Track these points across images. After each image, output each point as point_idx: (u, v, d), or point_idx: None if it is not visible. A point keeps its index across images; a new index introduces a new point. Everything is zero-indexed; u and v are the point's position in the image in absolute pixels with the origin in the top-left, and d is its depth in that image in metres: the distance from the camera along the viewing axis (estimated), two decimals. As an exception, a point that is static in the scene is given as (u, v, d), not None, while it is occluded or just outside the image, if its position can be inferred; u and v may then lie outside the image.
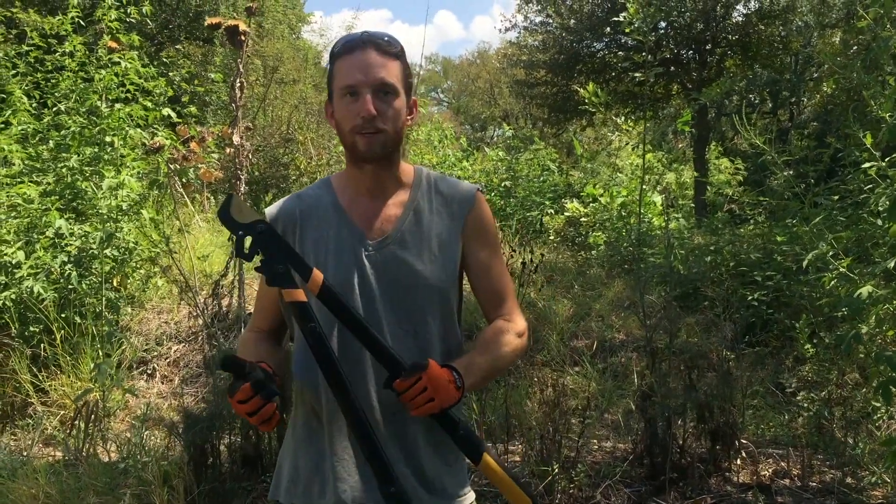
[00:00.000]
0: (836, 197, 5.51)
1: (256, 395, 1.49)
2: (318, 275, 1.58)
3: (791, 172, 4.61)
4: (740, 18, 13.31)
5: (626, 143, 13.97)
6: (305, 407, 1.77)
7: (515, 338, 1.79)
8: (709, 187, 13.20)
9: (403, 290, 1.73)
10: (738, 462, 3.91)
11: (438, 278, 1.75)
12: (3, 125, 6.33)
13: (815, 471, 3.86)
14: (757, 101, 19.18)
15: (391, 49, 1.71)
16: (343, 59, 1.71)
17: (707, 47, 13.29)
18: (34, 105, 6.50)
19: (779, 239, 6.11)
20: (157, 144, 5.69)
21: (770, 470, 3.94)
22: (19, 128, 6.25)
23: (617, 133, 14.67)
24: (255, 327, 1.89)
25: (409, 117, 1.78)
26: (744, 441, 3.97)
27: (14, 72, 6.49)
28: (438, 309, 1.76)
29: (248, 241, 1.60)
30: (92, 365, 4.83)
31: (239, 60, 5.66)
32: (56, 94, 6.49)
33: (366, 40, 1.70)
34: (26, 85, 6.52)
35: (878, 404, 3.72)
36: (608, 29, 13.17)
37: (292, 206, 1.81)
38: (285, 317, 1.83)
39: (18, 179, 5.88)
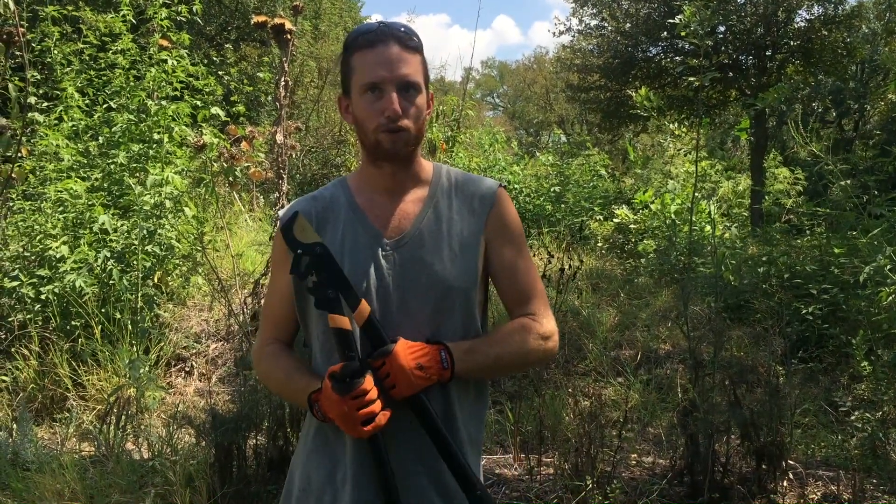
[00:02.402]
0: (901, 208, 5.27)
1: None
2: (365, 306, 1.58)
3: (851, 182, 4.41)
4: (803, 24, 12.90)
5: (680, 150, 13.67)
6: None
7: (537, 339, 1.71)
8: (766, 197, 12.84)
9: (422, 291, 1.66)
10: (785, 484, 3.71)
11: (459, 278, 1.68)
12: (55, 121, 6.43)
13: (867, 495, 3.64)
14: (820, 110, 18.65)
15: (411, 42, 1.65)
16: (363, 52, 1.64)
17: (767, 53, 12.92)
18: (87, 102, 6.59)
19: (836, 251, 5.86)
20: (201, 142, 5.70)
21: (819, 493, 3.73)
22: (70, 124, 6.34)
23: (670, 139, 14.38)
24: (273, 339, 1.82)
25: (427, 112, 1.71)
26: (791, 462, 3.77)
27: (69, 69, 6.59)
28: (459, 311, 1.68)
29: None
30: (127, 360, 4.84)
31: (284, 59, 5.65)
32: (107, 91, 6.59)
33: (386, 33, 1.64)
34: (80, 82, 6.62)
35: (938, 428, 3.50)
36: (664, 33, 12.89)
37: (307, 207, 1.75)
38: (303, 328, 1.78)
39: (66, 175, 5.96)
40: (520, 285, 1.76)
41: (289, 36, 5.57)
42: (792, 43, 12.72)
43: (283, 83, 5.63)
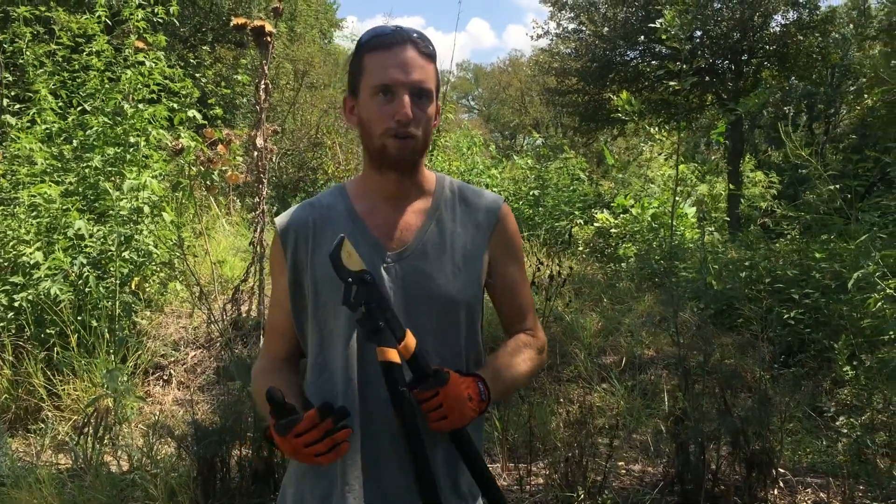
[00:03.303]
0: (878, 213, 5.29)
1: (326, 420, 1.39)
2: (411, 338, 1.51)
3: (837, 186, 4.41)
4: (778, 29, 13.04)
5: (659, 154, 13.74)
6: None
7: (537, 354, 1.74)
8: (742, 200, 12.94)
9: (424, 305, 1.60)
10: (775, 492, 3.69)
11: (462, 292, 1.63)
12: (28, 124, 6.28)
13: (857, 503, 3.63)
14: (792, 114, 18.86)
15: (427, 49, 1.59)
16: (378, 53, 1.57)
17: (743, 57, 13.04)
18: (60, 104, 6.45)
19: (817, 255, 5.88)
20: (179, 146, 5.59)
21: (809, 500, 3.71)
22: (43, 127, 6.19)
23: (649, 143, 14.44)
24: (269, 355, 1.76)
25: (434, 122, 1.66)
26: (781, 469, 3.75)
27: (41, 70, 6.45)
28: (462, 324, 1.64)
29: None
30: (105, 370, 4.72)
31: (264, 62, 5.56)
32: (82, 93, 6.45)
33: (403, 36, 1.57)
34: (53, 84, 6.47)
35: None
36: (642, 37, 12.96)
37: (305, 215, 1.68)
38: (301, 341, 1.71)
39: (40, 179, 5.82)
40: (520, 301, 1.76)
41: (269, 38, 5.48)
42: (768, 48, 12.85)
43: (262, 86, 5.54)
